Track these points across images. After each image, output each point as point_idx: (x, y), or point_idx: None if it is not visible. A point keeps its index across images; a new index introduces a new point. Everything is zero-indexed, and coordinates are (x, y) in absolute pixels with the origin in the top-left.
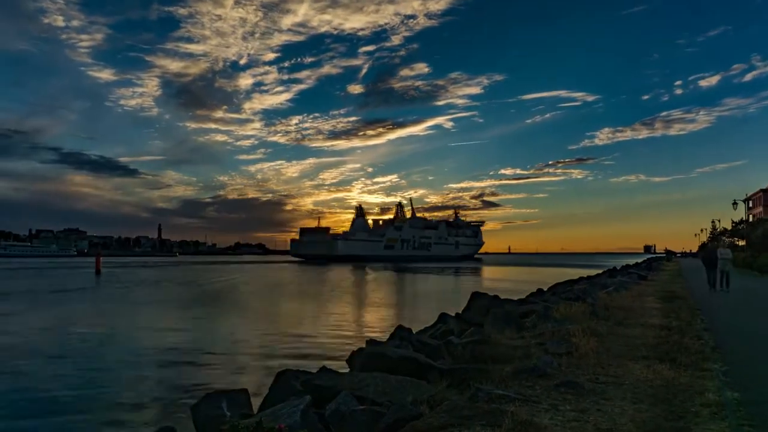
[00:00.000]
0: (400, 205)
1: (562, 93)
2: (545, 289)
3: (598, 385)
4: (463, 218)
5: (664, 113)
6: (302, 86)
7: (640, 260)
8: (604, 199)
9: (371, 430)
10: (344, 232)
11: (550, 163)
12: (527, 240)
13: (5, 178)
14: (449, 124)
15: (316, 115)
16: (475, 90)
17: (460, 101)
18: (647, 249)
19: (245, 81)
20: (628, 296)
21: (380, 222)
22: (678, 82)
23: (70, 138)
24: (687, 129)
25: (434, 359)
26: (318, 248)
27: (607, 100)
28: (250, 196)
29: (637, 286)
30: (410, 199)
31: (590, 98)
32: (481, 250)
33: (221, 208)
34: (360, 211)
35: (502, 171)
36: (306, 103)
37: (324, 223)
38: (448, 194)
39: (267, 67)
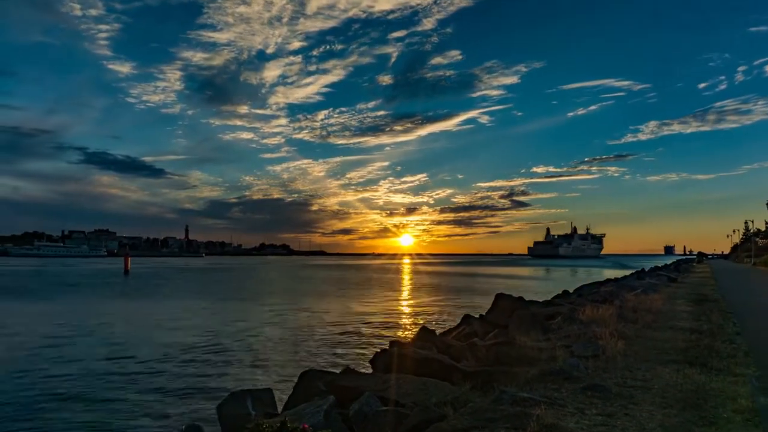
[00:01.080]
0: (574, 228)
1: (607, 82)
2: (571, 291)
3: (625, 389)
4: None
5: (718, 104)
6: (329, 77)
7: (664, 263)
8: (636, 199)
9: (395, 431)
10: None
11: (586, 160)
12: None
13: (33, 179)
14: (482, 119)
15: (343, 109)
16: (511, 80)
17: (494, 93)
18: (668, 250)
19: (271, 73)
20: (658, 299)
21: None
22: (742, 68)
23: (94, 137)
24: (741, 122)
25: (458, 361)
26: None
27: (658, 89)
28: (275, 196)
29: (667, 288)
30: (574, 226)
31: (638, 87)
32: (504, 251)
33: (246, 208)
34: (574, 229)
35: (534, 169)
36: (333, 96)
37: (349, 224)
38: (476, 193)
39: (293, 57)
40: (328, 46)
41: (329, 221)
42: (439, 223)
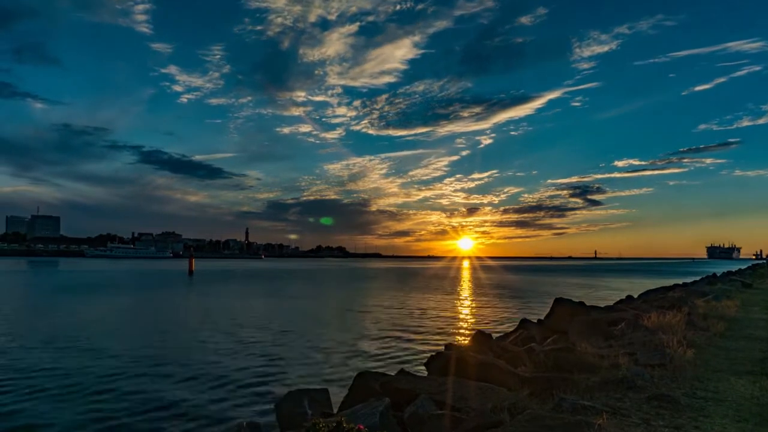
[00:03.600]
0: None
1: (734, 45)
2: (635, 296)
3: (695, 401)
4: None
5: None
6: (397, 50)
7: (738, 267)
8: (723, 196)
9: None
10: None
11: (681, 150)
12: (625, 242)
13: (92, 182)
14: (570, 101)
15: (409, 92)
16: (606, 47)
17: (584, 66)
18: (711, 252)
19: (330, 49)
20: (731, 305)
21: None
22: None
23: (143, 132)
24: None
25: (515, 366)
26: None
27: None
28: (332, 197)
29: (741, 294)
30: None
31: None
32: (565, 254)
33: (304, 209)
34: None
35: (616, 162)
36: (400, 76)
37: (407, 226)
38: (545, 192)
39: (350, 26)
40: (395, 13)
41: (386, 222)
42: (501, 224)
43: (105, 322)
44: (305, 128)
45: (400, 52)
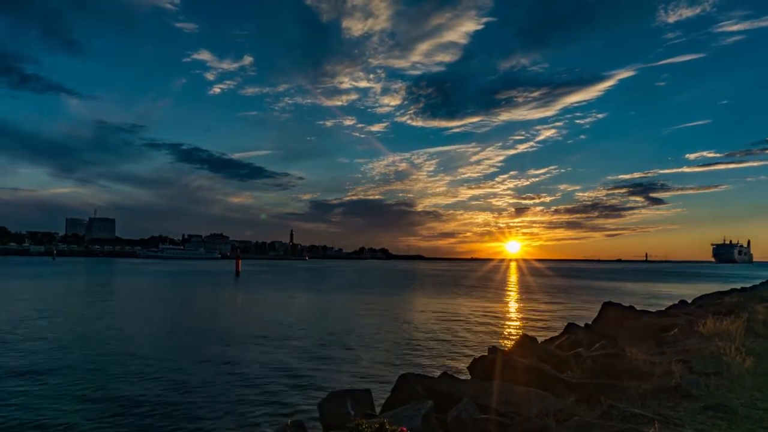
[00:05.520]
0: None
1: None
2: (689, 301)
3: (755, 411)
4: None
5: None
6: (446, 27)
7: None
8: None
9: None
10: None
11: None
12: (682, 243)
13: (134, 183)
14: (639, 80)
15: (459, 76)
16: (698, 8)
17: (670, 36)
18: (718, 253)
19: (376, 24)
20: None
21: None
22: None
23: (177, 128)
24: None
25: (561, 371)
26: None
27: None
28: (375, 197)
29: None
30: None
31: None
32: (614, 257)
33: (347, 210)
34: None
35: (688, 155)
36: (452, 51)
37: (451, 227)
38: (602, 190)
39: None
40: None
41: (431, 224)
42: (550, 225)
43: (155, 319)
44: (348, 121)
45: (454, 27)
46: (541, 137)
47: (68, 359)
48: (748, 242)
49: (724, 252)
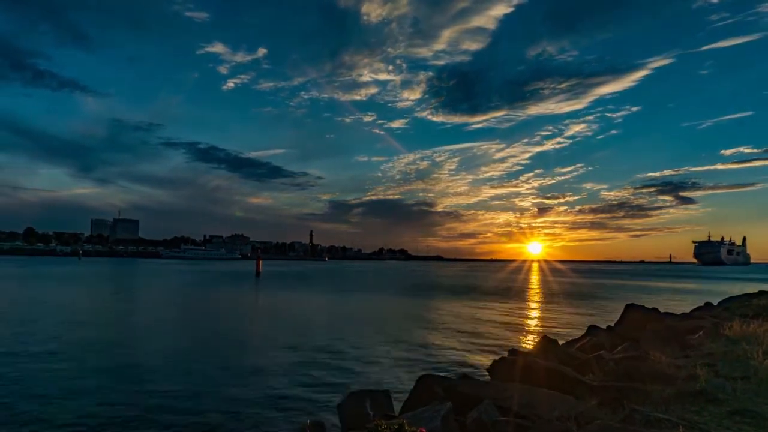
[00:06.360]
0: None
1: None
2: (714, 303)
3: None
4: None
5: None
6: (473, 12)
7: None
8: None
9: None
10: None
11: None
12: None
13: (153, 183)
14: (678, 69)
15: (484, 66)
16: None
17: (714, 18)
18: (700, 253)
19: (398, 9)
20: None
21: None
22: None
23: (192, 125)
24: None
25: (582, 374)
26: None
27: None
28: (395, 197)
29: None
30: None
31: None
32: (638, 258)
33: (366, 210)
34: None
35: (723, 151)
36: (475, 45)
37: (471, 227)
38: (630, 188)
39: None
40: None
41: (451, 224)
42: (573, 226)
43: (181, 319)
44: (368, 117)
45: (482, 11)
46: (570, 132)
47: (92, 359)
48: (744, 239)
49: (708, 251)
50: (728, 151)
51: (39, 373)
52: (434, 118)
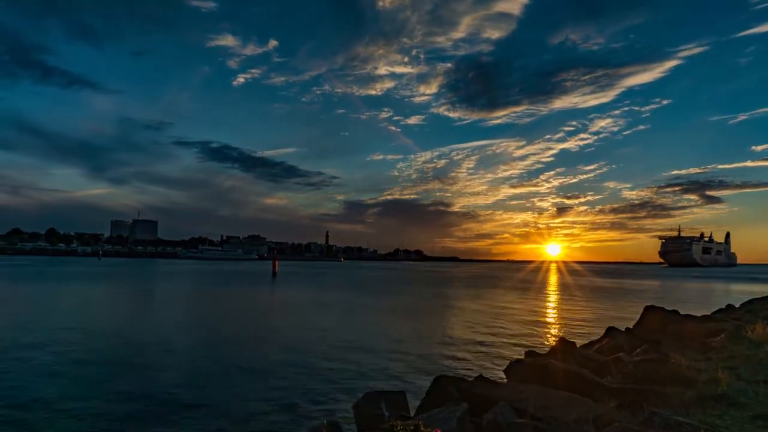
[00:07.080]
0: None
1: None
2: (736, 305)
3: None
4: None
5: None
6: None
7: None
8: None
9: None
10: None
11: None
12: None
13: (167, 184)
14: (713, 57)
15: (504, 57)
16: None
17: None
18: (666, 252)
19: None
20: None
21: None
22: None
23: (202, 123)
24: None
25: (600, 376)
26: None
27: None
28: (411, 197)
29: None
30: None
31: None
32: (655, 260)
33: (382, 210)
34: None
35: (754, 147)
36: (497, 34)
37: (488, 228)
38: (653, 187)
39: None
40: None
41: (468, 225)
42: (593, 226)
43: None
44: (383, 114)
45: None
46: (595, 128)
47: (108, 354)
48: (727, 235)
49: (676, 249)
50: (759, 147)
51: (54, 366)
52: (451, 114)
